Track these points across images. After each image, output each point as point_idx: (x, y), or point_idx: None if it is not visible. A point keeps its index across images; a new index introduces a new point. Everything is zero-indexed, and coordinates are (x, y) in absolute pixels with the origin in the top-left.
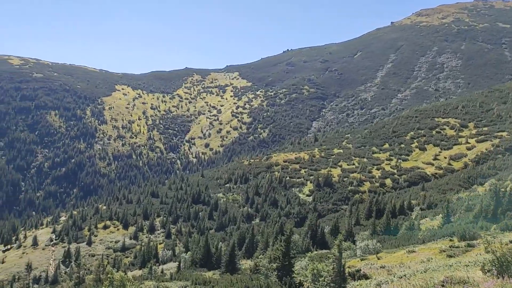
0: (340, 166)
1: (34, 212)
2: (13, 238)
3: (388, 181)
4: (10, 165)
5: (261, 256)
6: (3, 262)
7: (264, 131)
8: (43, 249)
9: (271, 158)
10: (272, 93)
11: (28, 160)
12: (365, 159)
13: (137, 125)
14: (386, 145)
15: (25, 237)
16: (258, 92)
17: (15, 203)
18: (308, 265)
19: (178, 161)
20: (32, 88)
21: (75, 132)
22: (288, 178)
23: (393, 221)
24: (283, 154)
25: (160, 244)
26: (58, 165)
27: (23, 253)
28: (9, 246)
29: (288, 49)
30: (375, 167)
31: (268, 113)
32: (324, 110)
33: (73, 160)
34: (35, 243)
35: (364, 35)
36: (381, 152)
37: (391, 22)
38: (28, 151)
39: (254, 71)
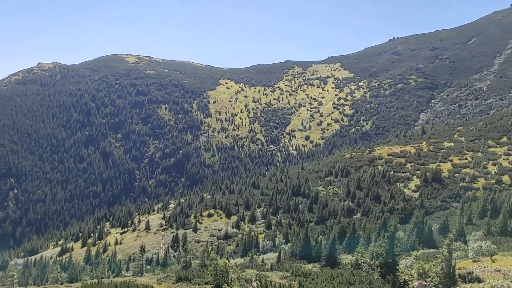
0: (451, 161)
1: (146, 199)
2: (129, 222)
3: (505, 178)
4: (126, 155)
5: (363, 251)
6: (120, 243)
7: (366, 124)
8: (154, 233)
9: (374, 151)
10: (376, 84)
11: (142, 151)
12: (479, 154)
13: (239, 117)
14: (504, 139)
15: (139, 221)
16: (361, 83)
17: (130, 190)
18: (413, 264)
19: (278, 153)
20: (145, 84)
21: (183, 124)
22: (392, 172)
23: (510, 222)
24: (387, 147)
25: (260, 234)
26: (167, 155)
27: (137, 236)
28: (125, 229)
29: (393, 38)
30: (491, 162)
31: (372, 104)
32: (433, 101)
33: (180, 151)
34: (147, 228)
35: (480, 19)
36: (498, 146)
37: (511, 4)
38: (142, 142)
39: (357, 62)
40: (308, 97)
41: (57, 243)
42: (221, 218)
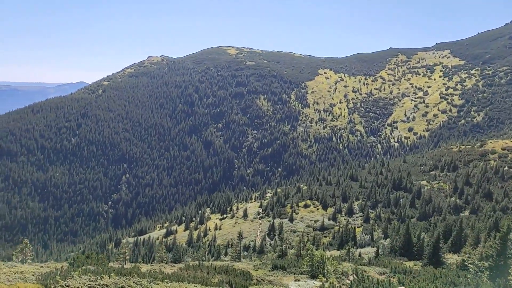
0: None
1: (244, 187)
2: (228, 209)
3: None
4: (226, 144)
5: (470, 252)
6: (220, 229)
7: (478, 115)
8: (251, 221)
9: (486, 144)
10: (490, 72)
11: (240, 140)
12: None
13: (338, 108)
14: None
15: (237, 208)
16: (472, 71)
17: (230, 178)
18: None
19: (378, 145)
20: (245, 75)
21: (281, 115)
22: (506, 168)
23: None
24: (502, 141)
25: (358, 227)
26: (265, 145)
27: (236, 222)
28: (224, 216)
29: (511, 21)
30: None
31: (485, 94)
32: None
33: (278, 141)
34: (245, 215)
35: None
36: None
37: None
38: (241, 132)
39: (468, 48)
40: (412, 87)
41: (162, 225)
42: (317, 209)
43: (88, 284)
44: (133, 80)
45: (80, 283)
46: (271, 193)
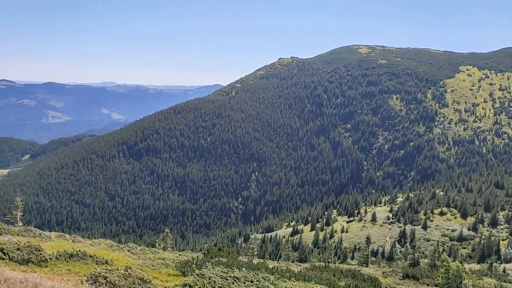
0: None
1: (373, 190)
2: (355, 211)
3: None
4: (355, 145)
5: None
6: (346, 232)
7: None
8: (380, 225)
9: None
10: None
11: (370, 142)
12: None
13: (482, 108)
14: None
15: (365, 212)
16: None
17: (358, 180)
18: None
19: None
20: (377, 74)
21: (415, 115)
22: None
23: None
24: None
25: (502, 240)
26: (396, 147)
27: (363, 226)
28: (351, 218)
29: None
30: None
31: None
32: None
33: (411, 143)
34: (373, 219)
35: None
36: None
37: None
38: (371, 133)
39: None
40: None
41: (289, 224)
42: (455, 217)
43: (220, 275)
44: (263, 81)
45: (213, 273)
46: (402, 198)
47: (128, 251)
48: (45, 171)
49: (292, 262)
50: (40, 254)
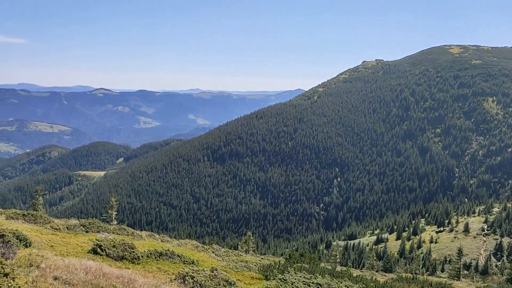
0: None
1: (466, 199)
2: (445, 221)
3: None
4: (445, 151)
5: None
6: (435, 242)
7: None
8: (474, 237)
9: None
10: None
11: (462, 147)
12: None
13: None
14: None
15: (457, 222)
16: None
17: (448, 187)
18: None
19: None
20: (470, 75)
21: None
22: None
23: None
24: None
25: None
26: (493, 153)
27: (454, 237)
28: (441, 228)
29: None
30: None
31: None
32: None
33: (509, 149)
34: (466, 230)
35: None
36: None
37: None
38: (463, 138)
39: None
40: None
41: (373, 232)
42: None
43: (303, 281)
44: (346, 85)
45: (295, 278)
46: (499, 208)
47: (213, 252)
48: (137, 173)
49: (377, 271)
50: (133, 251)
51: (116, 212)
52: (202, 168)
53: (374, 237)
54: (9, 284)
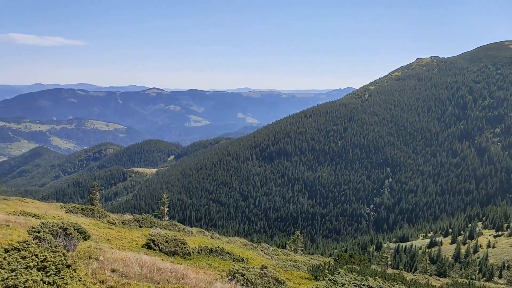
0: None
1: None
2: (505, 225)
3: None
4: (505, 151)
5: None
6: (493, 247)
7: None
8: None
9: None
10: None
11: None
12: None
13: None
14: None
15: None
16: None
17: (508, 190)
18: None
19: None
20: None
21: None
22: None
23: None
24: None
25: None
26: None
27: None
28: (500, 232)
29: None
30: None
31: None
32: None
33: None
34: None
35: None
36: None
37: None
38: None
39: None
40: None
41: (426, 234)
42: None
43: (354, 283)
44: (399, 83)
45: (346, 280)
46: None
47: (261, 250)
48: (187, 171)
49: (430, 275)
50: (185, 247)
51: (167, 208)
52: (251, 166)
53: (428, 240)
54: (71, 275)
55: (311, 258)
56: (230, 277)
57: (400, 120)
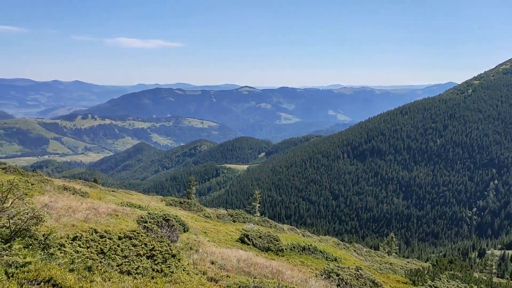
0: None
1: None
2: None
3: None
4: None
5: None
6: None
7: None
8: None
9: None
10: None
11: None
12: None
13: None
14: None
15: None
16: None
17: None
18: None
19: None
20: None
21: None
22: None
23: None
24: None
25: None
26: None
27: None
28: None
29: None
30: None
31: None
32: None
33: None
34: None
35: None
36: None
37: None
38: None
39: None
40: None
41: None
42: None
43: None
44: (508, 77)
45: (448, 287)
46: None
47: (354, 251)
48: (277, 168)
49: None
50: (278, 244)
51: (259, 204)
52: (342, 164)
53: None
54: (176, 264)
55: (408, 262)
56: (324, 276)
57: (508, 117)
